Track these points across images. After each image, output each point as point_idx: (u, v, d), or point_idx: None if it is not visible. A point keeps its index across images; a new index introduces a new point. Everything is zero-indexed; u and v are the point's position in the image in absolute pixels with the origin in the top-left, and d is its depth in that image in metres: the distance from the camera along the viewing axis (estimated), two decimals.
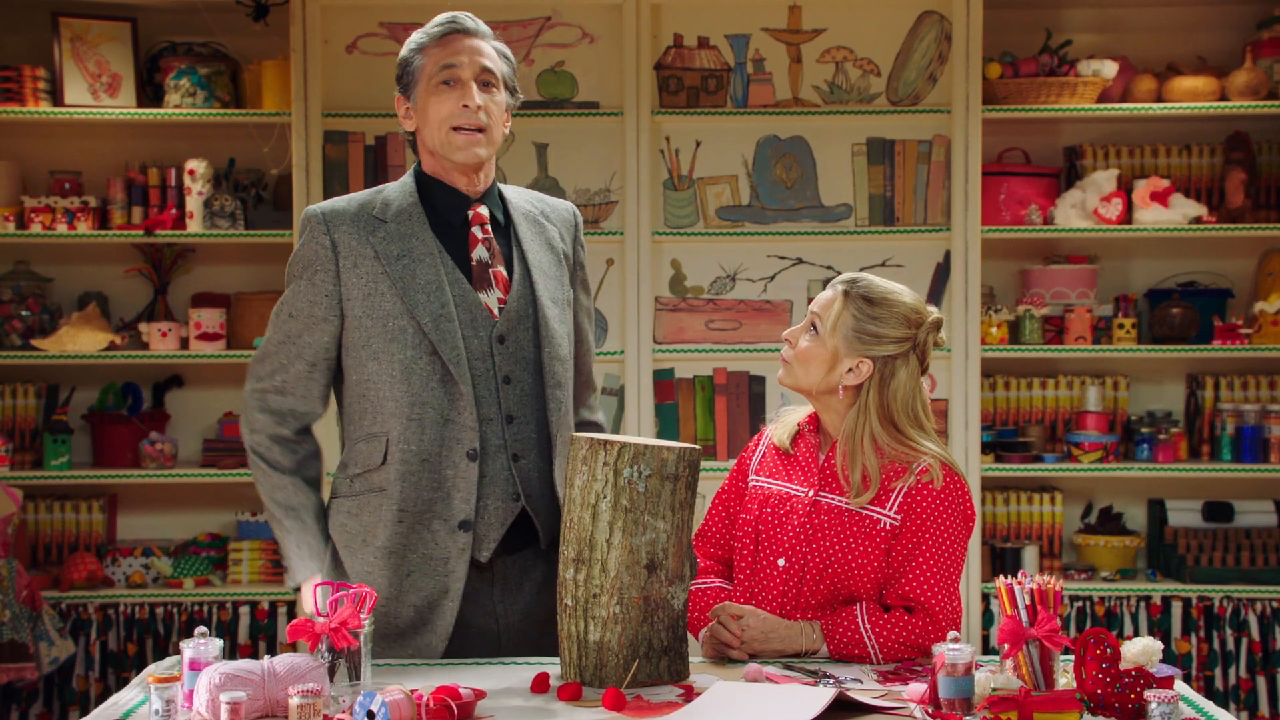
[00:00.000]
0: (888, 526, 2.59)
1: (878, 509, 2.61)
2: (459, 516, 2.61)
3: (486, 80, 2.67)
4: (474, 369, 2.64)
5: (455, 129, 2.65)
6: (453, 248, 2.69)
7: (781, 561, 2.63)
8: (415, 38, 2.72)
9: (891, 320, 2.64)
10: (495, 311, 2.67)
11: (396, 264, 2.63)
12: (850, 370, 2.64)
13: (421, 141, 2.72)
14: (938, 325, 2.69)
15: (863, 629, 2.54)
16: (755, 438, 2.84)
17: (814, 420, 2.74)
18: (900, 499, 2.60)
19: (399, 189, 2.73)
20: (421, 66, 2.68)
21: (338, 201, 2.73)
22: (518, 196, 2.82)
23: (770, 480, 2.73)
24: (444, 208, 2.71)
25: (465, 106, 2.64)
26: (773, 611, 2.62)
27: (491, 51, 2.70)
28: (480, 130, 2.65)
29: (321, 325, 2.67)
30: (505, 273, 2.71)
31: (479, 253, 2.69)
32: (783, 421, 2.78)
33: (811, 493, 2.65)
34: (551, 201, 2.87)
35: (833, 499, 2.64)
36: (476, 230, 2.70)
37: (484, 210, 2.71)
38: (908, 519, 2.59)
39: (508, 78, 2.73)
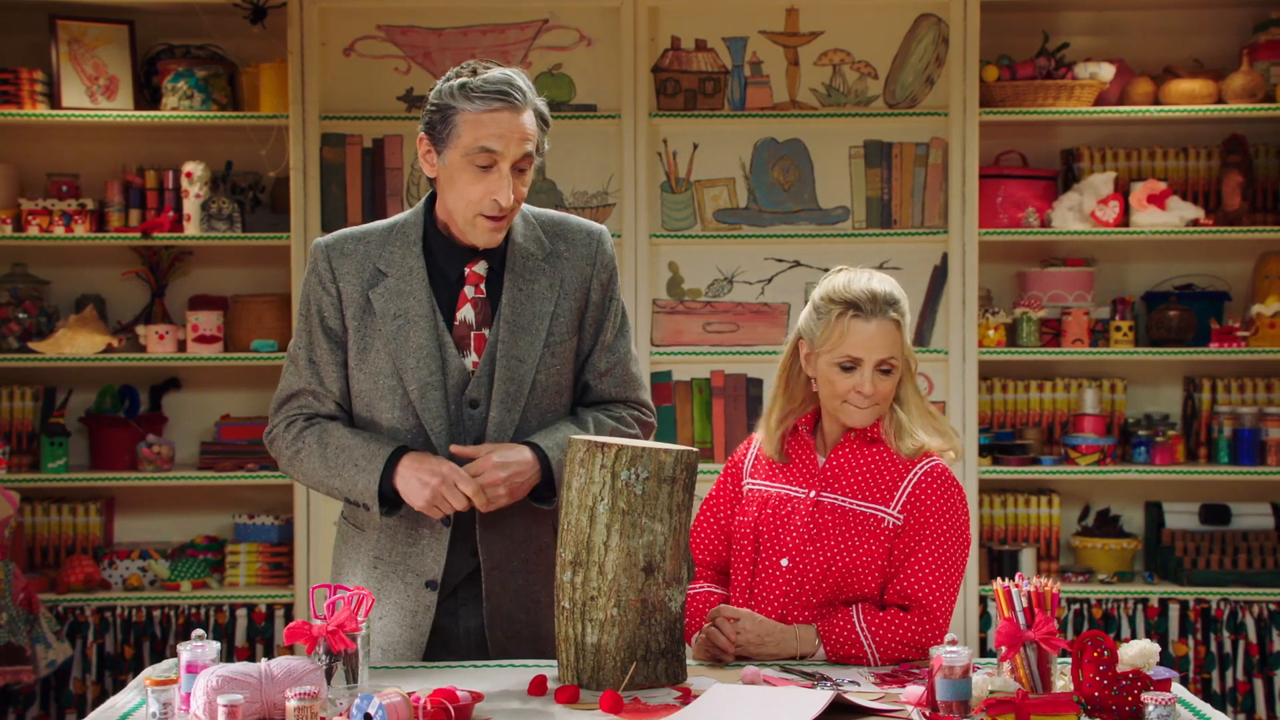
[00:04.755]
0: (891, 525, 2.61)
1: (881, 508, 2.62)
2: (428, 575, 2.62)
3: (522, 167, 2.53)
4: (452, 433, 2.60)
5: (482, 215, 2.54)
6: (445, 305, 2.61)
7: (785, 561, 2.63)
8: (458, 88, 2.52)
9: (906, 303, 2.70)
10: (470, 375, 2.61)
11: (392, 323, 2.59)
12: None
13: (440, 193, 2.60)
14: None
15: (859, 629, 2.55)
16: (745, 441, 2.84)
17: (810, 421, 2.74)
18: (904, 498, 2.61)
19: (404, 238, 2.63)
20: (459, 132, 2.50)
21: (347, 242, 2.64)
22: (526, 235, 2.65)
23: (767, 483, 2.72)
24: (444, 259, 2.62)
25: (496, 201, 2.51)
26: (774, 612, 2.62)
27: (532, 126, 2.53)
28: (506, 217, 2.56)
29: (336, 362, 2.65)
30: (489, 333, 2.62)
31: (464, 313, 2.62)
32: (769, 435, 2.75)
33: (813, 493, 2.66)
34: (573, 230, 2.69)
35: (835, 499, 2.64)
36: (469, 290, 2.62)
37: (480, 269, 2.62)
38: (910, 517, 2.60)
39: (541, 143, 2.57)
